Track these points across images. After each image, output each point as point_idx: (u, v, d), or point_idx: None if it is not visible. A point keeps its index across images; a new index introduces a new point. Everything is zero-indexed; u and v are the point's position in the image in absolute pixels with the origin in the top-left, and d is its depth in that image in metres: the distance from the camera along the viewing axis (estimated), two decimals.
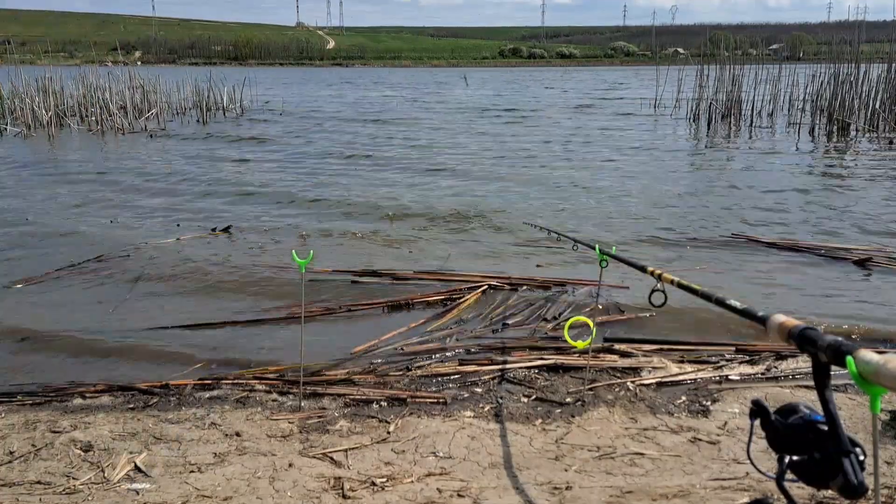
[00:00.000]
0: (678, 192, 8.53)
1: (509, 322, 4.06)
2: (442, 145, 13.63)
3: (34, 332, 4.08)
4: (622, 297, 4.52)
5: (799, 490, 1.91)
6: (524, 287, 4.68)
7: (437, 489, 2.31)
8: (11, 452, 2.59)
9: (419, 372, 3.33)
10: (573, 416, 2.86)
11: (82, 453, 2.58)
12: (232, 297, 4.69)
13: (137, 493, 2.31)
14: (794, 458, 0.89)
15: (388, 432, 2.72)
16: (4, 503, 2.26)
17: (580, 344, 3.14)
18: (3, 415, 2.97)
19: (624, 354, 3.52)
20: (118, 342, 3.94)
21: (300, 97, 30.63)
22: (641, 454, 2.54)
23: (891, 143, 12.58)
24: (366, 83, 46.09)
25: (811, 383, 1.32)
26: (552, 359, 3.42)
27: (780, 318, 1.03)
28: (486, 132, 16.04)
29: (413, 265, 5.34)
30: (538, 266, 5.31)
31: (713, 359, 3.48)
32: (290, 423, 2.82)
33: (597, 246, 2.76)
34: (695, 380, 3.21)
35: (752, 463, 1.00)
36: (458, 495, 2.27)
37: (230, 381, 3.25)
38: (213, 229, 6.67)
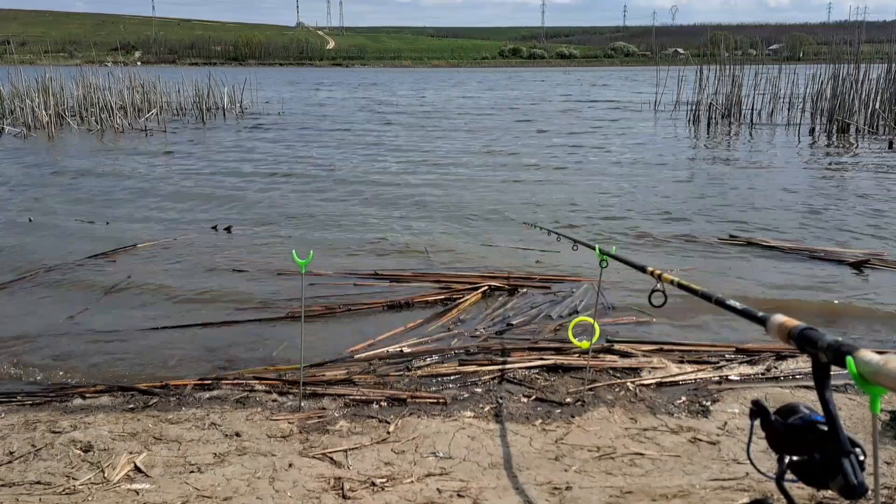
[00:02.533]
0: (677, 192, 8.53)
1: (512, 322, 4.06)
2: (449, 145, 13.64)
3: (32, 331, 4.08)
4: (622, 297, 4.52)
5: (799, 490, 1.91)
6: (524, 288, 4.68)
7: (437, 489, 2.31)
8: (11, 452, 2.59)
9: (419, 372, 3.33)
10: (573, 417, 2.86)
11: (82, 453, 2.58)
12: (231, 296, 4.69)
13: (137, 493, 2.31)
14: (794, 458, 0.89)
15: (388, 432, 2.72)
16: (4, 503, 2.26)
17: (584, 344, 3.14)
18: (3, 415, 2.97)
19: (624, 354, 3.52)
20: (117, 342, 3.94)
21: (301, 99, 30.63)
22: (641, 454, 2.54)
23: (891, 144, 12.58)
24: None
25: (811, 383, 1.32)
26: (552, 359, 3.42)
27: (781, 318, 1.03)
28: (487, 129, 16.04)
29: (411, 266, 5.35)
30: (537, 264, 5.31)
31: (713, 359, 3.48)
32: (289, 423, 2.82)
33: (597, 246, 2.76)
34: (695, 380, 3.21)
35: (752, 463, 1.00)
36: (458, 495, 2.27)
37: (230, 382, 3.25)
38: (214, 227, 6.69)
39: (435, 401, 3.01)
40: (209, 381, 3.26)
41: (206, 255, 5.72)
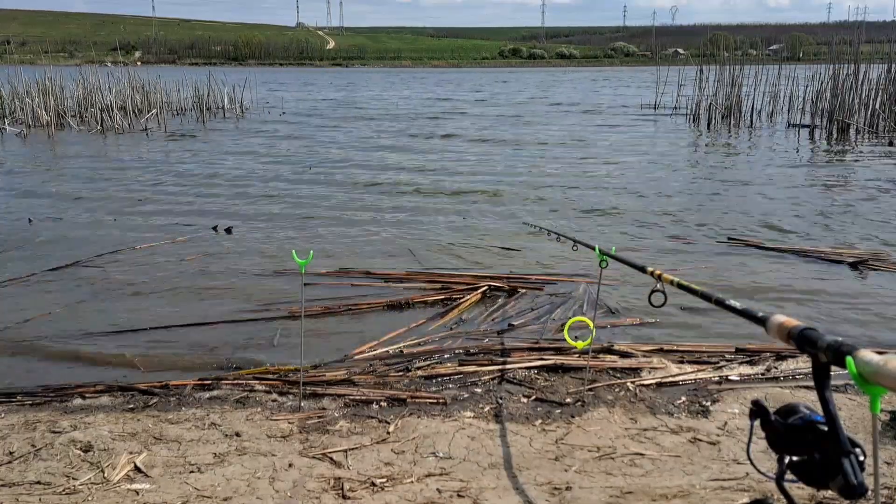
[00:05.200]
0: (677, 193, 8.54)
1: (512, 323, 4.06)
2: (451, 145, 13.64)
3: (31, 331, 4.08)
4: (622, 298, 4.52)
5: (799, 490, 1.90)
6: (523, 289, 4.68)
7: (437, 489, 2.31)
8: (11, 452, 2.59)
9: (419, 372, 3.33)
10: (573, 417, 2.86)
11: (82, 453, 2.58)
12: (231, 296, 4.69)
13: (137, 493, 2.31)
14: (794, 458, 0.89)
15: (388, 432, 2.72)
16: (4, 503, 2.26)
17: (580, 344, 3.14)
18: (3, 415, 2.97)
19: (624, 355, 3.52)
20: (117, 342, 3.93)
21: (302, 99, 30.62)
22: (641, 454, 2.54)
23: (891, 143, 12.58)
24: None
25: (811, 383, 1.32)
26: (552, 359, 3.42)
27: (780, 318, 1.03)
28: (490, 128, 16.05)
29: (412, 266, 5.36)
30: (537, 266, 5.31)
31: (713, 359, 3.48)
32: (289, 423, 2.82)
33: (596, 246, 2.76)
34: (695, 380, 3.21)
35: (752, 463, 1.00)
36: (458, 496, 2.27)
37: (230, 382, 3.25)
38: (214, 228, 6.68)
39: (435, 401, 3.01)
40: (209, 381, 3.26)
41: (206, 256, 5.72)
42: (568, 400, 3.01)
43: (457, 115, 21.15)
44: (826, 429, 0.87)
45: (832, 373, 0.90)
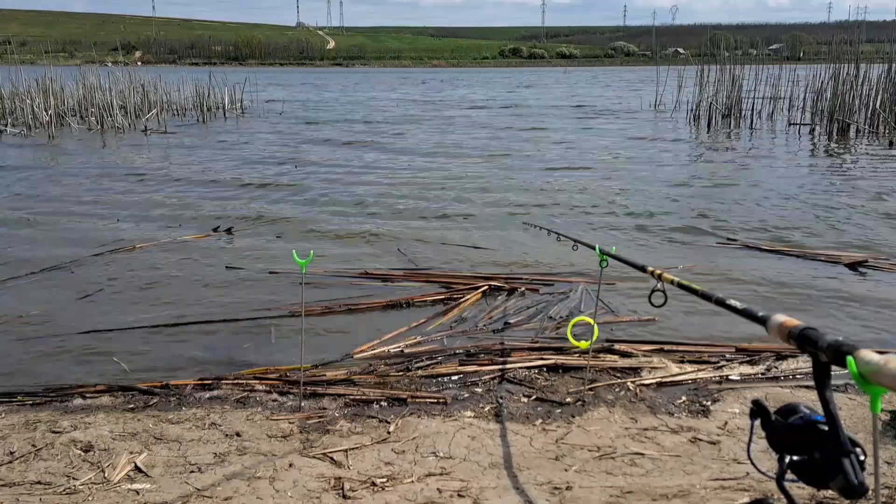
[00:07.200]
0: (676, 193, 8.53)
1: (511, 322, 4.06)
2: (448, 141, 13.65)
3: (31, 331, 4.08)
4: (622, 297, 4.52)
5: (799, 490, 1.91)
6: (523, 288, 4.68)
7: (438, 489, 2.31)
8: (11, 452, 2.59)
9: (419, 372, 3.33)
10: (573, 416, 2.86)
11: (82, 453, 2.58)
12: (231, 296, 4.69)
13: (138, 493, 2.31)
14: (795, 458, 0.89)
15: (389, 432, 2.72)
16: (4, 503, 2.26)
17: (583, 344, 3.14)
18: (3, 415, 2.97)
19: (624, 354, 3.52)
20: (117, 341, 3.93)
21: (302, 99, 30.59)
22: (641, 454, 2.54)
23: (891, 143, 12.58)
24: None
25: (811, 383, 1.32)
26: (552, 359, 3.42)
27: (781, 317, 1.03)
28: (486, 126, 16.06)
29: (410, 266, 5.36)
30: (537, 265, 5.31)
31: (713, 359, 3.48)
32: (290, 423, 2.82)
33: (597, 246, 2.76)
34: (695, 380, 3.21)
35: (753, 463, 1.00)
36: (459, 495, 2.27)
37: (230, 381, 3.25)
38: (215, 229, 6.67)
39: (435, 400, 3.01)
40: (209, 381, 3.26)
41: (205, 256, 5.72)
42: (568, 399, 3.01)
43: (458, 115, 21.15)
44: (826, 428, 0.87)
45: (833, 372, 0.90)
